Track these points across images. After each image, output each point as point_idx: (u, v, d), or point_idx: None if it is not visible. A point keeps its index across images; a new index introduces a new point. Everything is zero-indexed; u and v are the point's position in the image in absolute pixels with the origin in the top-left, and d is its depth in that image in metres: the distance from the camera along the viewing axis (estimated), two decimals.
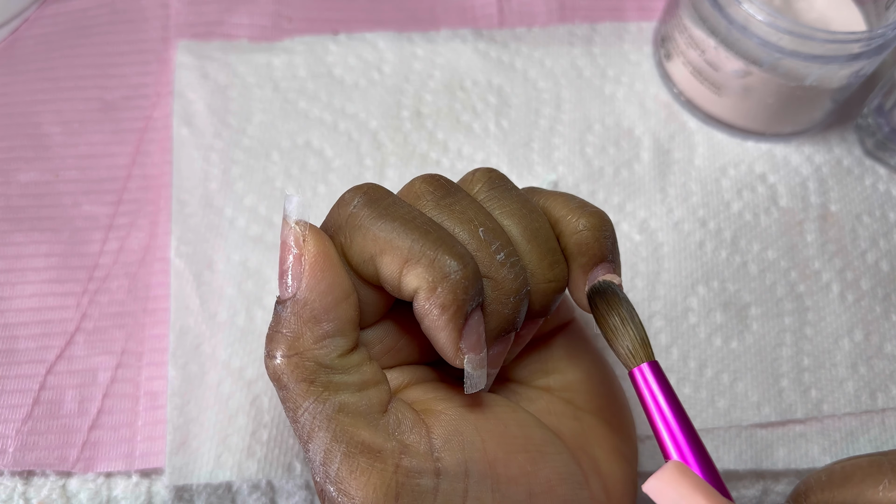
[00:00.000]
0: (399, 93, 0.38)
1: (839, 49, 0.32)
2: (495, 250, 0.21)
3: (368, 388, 0.21)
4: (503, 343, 0.22)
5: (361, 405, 0.21)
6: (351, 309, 0.21)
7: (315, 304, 0.21)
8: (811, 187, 0.37)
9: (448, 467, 0.21)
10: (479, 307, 0.21)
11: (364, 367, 0.22)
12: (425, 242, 0.20)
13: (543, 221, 0.23)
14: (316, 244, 0.21)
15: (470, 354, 0.21)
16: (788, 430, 0.33)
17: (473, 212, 0.22)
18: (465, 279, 0.20)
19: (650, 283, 0.35)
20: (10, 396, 0.31)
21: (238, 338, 0.32)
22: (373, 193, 0.22)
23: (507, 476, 0.22)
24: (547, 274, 0.22)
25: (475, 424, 0.22)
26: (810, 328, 0.34)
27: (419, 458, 0.21)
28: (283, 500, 0.31)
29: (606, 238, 0.23)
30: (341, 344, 0.21)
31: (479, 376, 0.21)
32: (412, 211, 0.21)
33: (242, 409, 0.31)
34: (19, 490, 0.30)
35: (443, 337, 0.21)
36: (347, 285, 0.21)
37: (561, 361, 0.26)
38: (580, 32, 0.40)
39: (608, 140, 0.37)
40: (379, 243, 0.21)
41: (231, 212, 0.35)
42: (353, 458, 0.20)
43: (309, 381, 0.21)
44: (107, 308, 0.33)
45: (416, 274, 0.20)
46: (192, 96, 0.37)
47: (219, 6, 0.40)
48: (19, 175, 0.35)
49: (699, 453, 0.21)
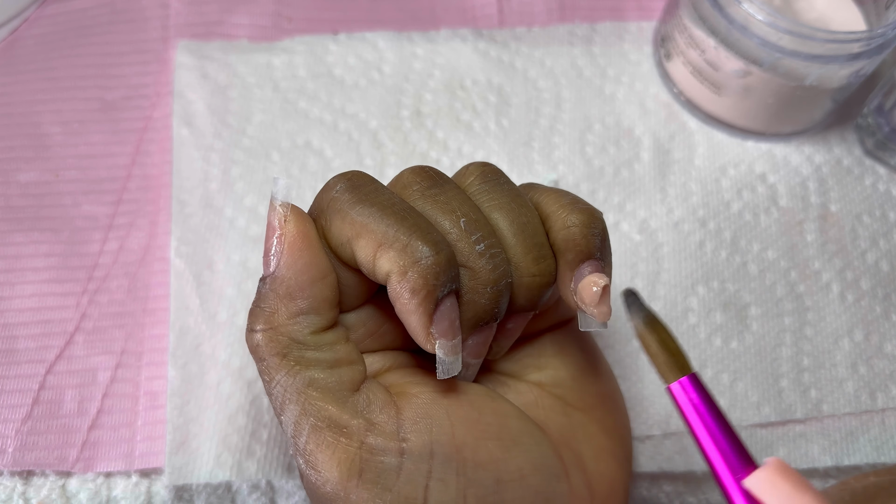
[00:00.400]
0: (399, 92, 0.38)
1: (839, 49, 0.32)
2: (475, 241, 0.22)
3: (341, 366, 0.22)
4: (482, 333, 0.23)
5: (331, 381, 0.21)
6: (327, 289, 0.22)
7: (291, 282, 0.21)
8: (811, 187, 0.37)
9: (413, 448, 0.21)
10: (452, 294, 0.21)
11: (338, 346, 0.22)
12: (400, 227, 0.21)
13: (532, 216, 0.23)
14: (296, 225, 0.22)
15: (441, 340, 0.21)
16: (788, 430, 0.33)
17: (458, 202, 0.22)
18: (436, 265, 0.20)
19: (650, 283, 0.34)
20: (9, 396, 0.31)
21: (238, 338, 0.32)
22: (356, 180, 0.22)
23: (475, 461, 0.22)
24: (532, 268, 0.23)
25: (446, 409, 0.22)
26: (810, 328, 0.34)
27: (384, 436, 0.21)
28: (283, 500, 0.31)
29: (595, 235, 0.23)
30: (315, 321, 0.22)
31: (452, 363, 0.21)
32: (392, 198, 0.22)
33: (242, 409, 0.31)
34: (19, 490, 0.30)
35: (413, 321, 0.21)
36: (325, 266, 0.22)
37: (554, 358, 0.26)
38: (580, 32, 0.40)
39: (608, 140, 0.37)
40: (356, 227, 0.21)
41: (231, 212, 0.35)
42: (320, 433, 0.21)
43: (282, 355, 0.21)
44: (106, 308, 0.33)
45: (388, 258, 0.21)
46: (192, 96, 0.37)
47: (219, 6, 0.40)
48: (19, 175, 0.35)
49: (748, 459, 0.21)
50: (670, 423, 0.32)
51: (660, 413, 0.32)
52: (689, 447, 0.32)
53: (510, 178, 0.36)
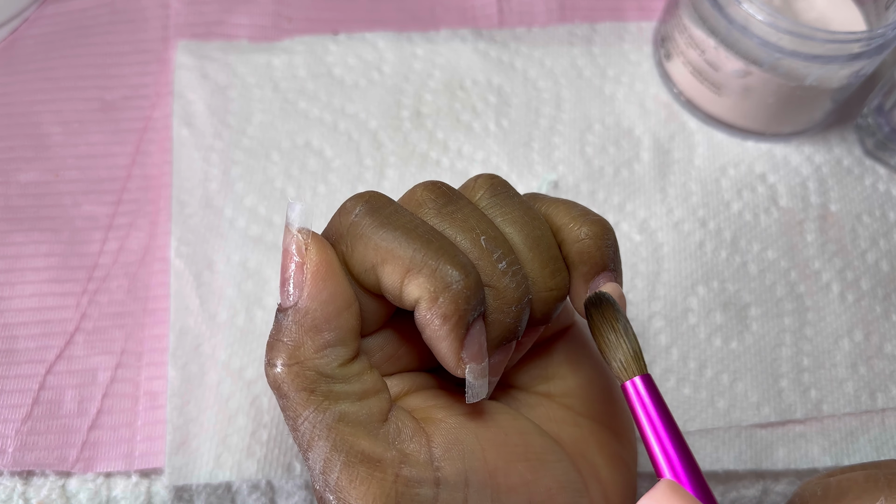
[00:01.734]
0: (399, 92, 0.38)
1: (839, 49, 0.32)
2: (497, 259, 0.21)
3: (369, 397, 0.21)
4: (504, 351, 0.22)
5: (362, 414, 0.21)
6: (352, 318, 0.21)
7: (317, 314, 0.21)
8: (811, 187, 0.37)
9: (448, 477, 0.21)
10: (480, 317, 0.21)
11: (365, 377, 0.22)
12: (427, 252, 0.20)
13: (545, 229, 0.23)
14: (318, 253, 0.21)
15: (471, 364, 0.21)
16: (788, 431, 0.33)
17: (475, 220, 0.22)
18: (466, 289, 0.20)
19: (650, 283, 0.34)
20: (9, 396, 0.31)
21: (238, 338, 0.32)
22: (374, 202, 0.21)
23: (507, 485, 0.22)
24: (548, 282, 0.22)
25: (475, 433, 0.22)
26: (810, 328, 0.34)
27: (419, 467, 0.21)
28: (283, 501, 0.31)
29: (608, 247, 0.23)
30: (342, 353, 0.21)
31: (481, 385, 0.21)
32: (414, 220, 0.21)
33: (242, 410, 0.31)
34: (19, 490, 0.30)
35: (444, 347, 0.20)
36: (349, 295, 0.21)
37: (561, 367, 0.26)
38: (580, 32, 0.40)
39: (608, 140, 0.37)
40: (381, 253, 0.21)
41: (231, 212, 0.35)
42: (353, 468, 0.20)
43: (309, 391, 0.21)
44: (106, 308, 0.33)
45: (417, 284, 0.20)
46: (192, 96, 0.37)
47: (219, 6, 0.40)
48: (19, 175, 0.35)
49: (690, 469, 0.21)
50: None
51: None
52: (690, 447, 0.32)
53: (510, 180, 0.36)
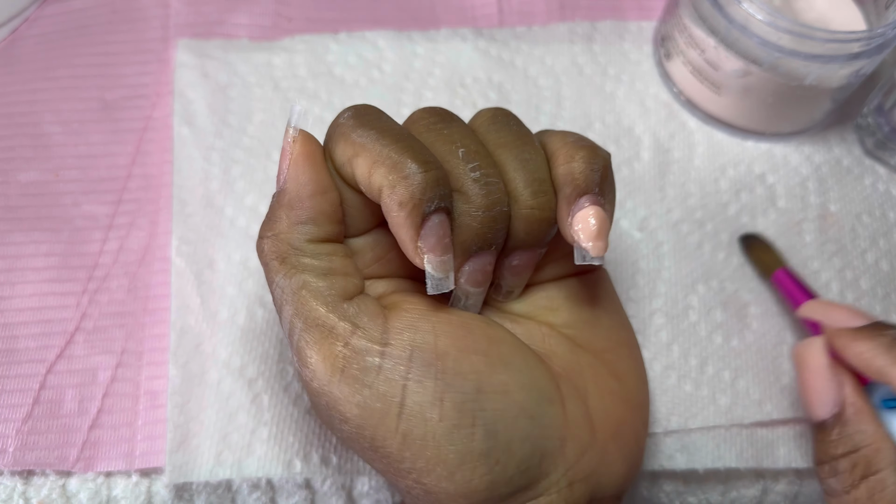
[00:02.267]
0: (399, 91, 0.38)
1: (839, 49, 0.32)
2: (471, 168, 0.23)
3: (335, 275, 0.23)
4: (479, 260, 0.23)
5: (323, 287, 0.23)
6: (325, 203, 0.23)
7: (292, 194, 0.23)
8: (811, 187, 0.37)
9: (393, 351, 0.23)
10: (441, 212, 0.22)
11: (334, 258, 0.24)
12: (393, 147, 0.22)
13: (536, 154, 0.24)
14: (302, 145, 0.24)
15: (429, 255, 0.22)
16: (790, 428, 0.33)
17: (459, 135, 0.24)
18: (424, 181, 0.22)
19: (651, 280, 0.35)
20: (10, 396, 0.31)
21: (238, 337, 0.32)
22: (362, 109, 0.24)
23: (456, 370, 0.23)
24: (530, 201, 0.23)
25: (434, 324, 0.24)
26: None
27: (368, 339, 0.23)
28: (283, 500, 0.31)
29: (594, 171, 0.23)
30: (312, 231, 0.23)
31: (442, 279, 0.23)
32: (393, 125, 0.23)
33: (243, 408, 0.31)
34: (19, 490, 0.30)
35: (402, 234, 0.22)
36: (325, 182, 0.24)
37: (568, 301, 0.27)
38: (581, 30, 0.40)
39: (608, 138, 0.37)
40: (355, 147, 0.23)
41: (232, 211, 0.35)
42: (310, 332, 0.23)
43: (281, 259, 0.23)
44: (107, 307, 0.33)
45: (380, 173, 0.22)
46: (193, 95, 0.37)
47: (219, 6, 0.40)
48: (19, 175, 0.35)
49: None
50: (671, 420, 0.32)
51: (660, 411, 0.32)
52: (690, 445, 0.32)
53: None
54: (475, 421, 0.23)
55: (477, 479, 0.23)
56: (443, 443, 0.22)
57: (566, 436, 0.24)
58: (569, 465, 0.24)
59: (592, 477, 0.25)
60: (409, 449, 0.22)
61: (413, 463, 0.23)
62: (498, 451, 0.23)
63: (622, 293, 0.34)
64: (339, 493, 0.31)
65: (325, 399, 0.23)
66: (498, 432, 0.23)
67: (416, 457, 0.22)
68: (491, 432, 0.23)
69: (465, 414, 0.23)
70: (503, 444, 0.23)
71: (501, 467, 0.23)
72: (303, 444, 0.31)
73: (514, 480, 0.23)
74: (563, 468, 0.24)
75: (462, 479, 0.23)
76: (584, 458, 0.24)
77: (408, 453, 0.22)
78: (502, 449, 0.23)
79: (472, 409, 0.23)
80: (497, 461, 0.23)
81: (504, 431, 0.23)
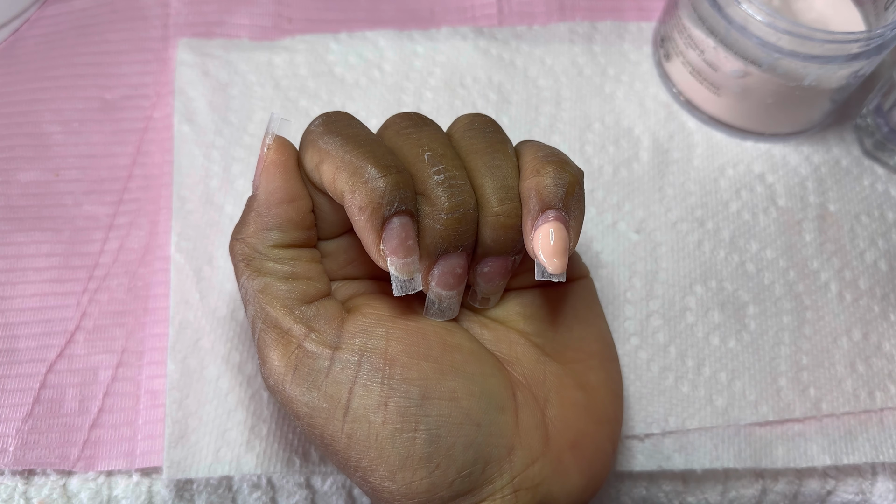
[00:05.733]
0: (400, 91, 0.38)
1: (838, 49, 0.32)
2: (436, 172, 0.23)
3: (297, 279, 0.24)
4: (447, 262, 0.24)
5: (283, 290, 0.24)
6: (292, 211, 0.24)
7: (260, 201, 0.24)
8: (810, 187, 0.37)
9: (342, 355, 0.24)
10: (403, 214, 0.23)
11: (297, 263, 0.25)
12: (355, 153, 0.23)
13: (507, 162, 0.24)
14: (274, 154, 0.24)
15: (392, 257, 0.23)
16: (787, 429, 0.33)
17: (428, 140, 0.24)
18: (383, 185, 0.22)
19: (648, 282, 0.35)
20: (10, 395, 0.31)
21: (237, 333, 0.33)
22: (333, 116, 0.25)
23: (403, 376, 0.24)
24: (496, 207, 0.23)
25: (388, 329, 0.24)
26: (809, 327, 0.34)
27: (320, 343, 0.24)
28: (284, 500, 0.31)
29: (559, 186, 0.23)
30: (277, 237, 0.24)
31: (406, 281, 0.23)
32: (360, 131, 0.24)
33: (242, 404, 0.31)
34: (20, 489, 0.31)
35: (364, 237, 0.23)
36: (294, 190, 0.24)
37: (542, 309, 0.27)
38: (581, 30, 0.40)
39: (608, 139, 0.37)
40: (321, 154, 0.23)
41: (232, 208, 0.35)
42: (267, 332, 0.24)
43: (246, 262, 0.25)
44: (107, 307, 0.33)
45: (342, 179, 0.23)
46: (193, 94, 0.37)
47: (219, 6, 0.40)
48: (19, 174, 0.35)
49: None
50: (669, 420, 0.32)
51: (658, 411, 0.32)
52: (688, 445, 0.32)
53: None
54: (418, 426, 0.23)
55: (417, 482, 0.23)
56: (385, 445, 0.23)
57: (515, 444, 0.25)
58: (515, 472, 0.24)
59: (542, 486, 0.25)
60: (354, 448, 0.23)
61: (358, 462, 0.24)
62: (439, 456, 0.23)
63: (619, 295, 0.34)
64: (340, 492, 0.32)
65: (278, 397, 0.24)
66: (440, 437, 0.23)
67: (361, 456, 0.23)
68: (433, 437, 0.23)
69: (409, 418, 0.23)
70: (444, 449, 0.23)
71: (442, 471, 0.23)
72: (302, 442, 0.31)
73: (456, 485, 0.24)
74: (508, 476, 0.24)
75: (403, 481, 0.23)
76: (534, 467, 0.25)
77: (353, 452, 0.23)
78: (443, 454, 0.23)
79: (415, 414, 0.23)
80: (437, 465, 0.23)
81: (447, 437, 0.23)
